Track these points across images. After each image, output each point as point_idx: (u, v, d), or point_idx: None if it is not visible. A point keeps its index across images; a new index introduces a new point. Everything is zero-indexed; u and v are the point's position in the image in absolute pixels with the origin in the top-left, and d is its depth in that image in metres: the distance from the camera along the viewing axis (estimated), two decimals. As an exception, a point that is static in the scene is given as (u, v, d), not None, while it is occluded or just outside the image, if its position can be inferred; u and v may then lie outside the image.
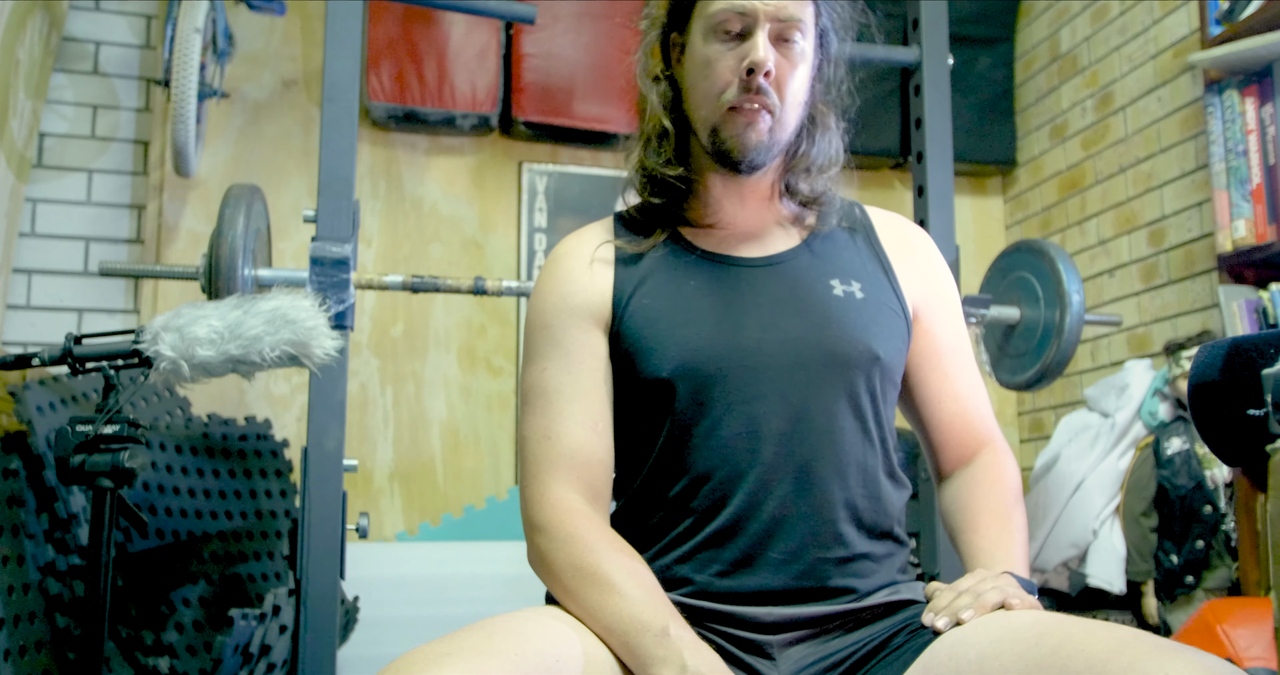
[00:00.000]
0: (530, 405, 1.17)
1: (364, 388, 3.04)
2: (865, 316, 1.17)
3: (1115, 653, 0.83)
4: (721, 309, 1.16)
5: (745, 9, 1.14)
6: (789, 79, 1.16)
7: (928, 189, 2.45)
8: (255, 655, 2.00)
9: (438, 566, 2.76)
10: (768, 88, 1.14)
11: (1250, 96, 2.56)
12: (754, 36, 1.14)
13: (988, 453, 1.25)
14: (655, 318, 1.16)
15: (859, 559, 1.12)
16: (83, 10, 2.99)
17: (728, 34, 1.15)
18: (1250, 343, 1.14)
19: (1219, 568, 2.46)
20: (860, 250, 1.25)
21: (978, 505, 1.20)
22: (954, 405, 1.25)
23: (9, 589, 1.89)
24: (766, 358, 1.13)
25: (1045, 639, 0.88)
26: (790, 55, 1.16)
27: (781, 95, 1.15)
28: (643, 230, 1.24)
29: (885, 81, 3.39)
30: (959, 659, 0.94)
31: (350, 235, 2.07)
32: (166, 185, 2.96)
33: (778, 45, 1.15)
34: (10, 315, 2.80)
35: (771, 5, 1.14)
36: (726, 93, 1.15)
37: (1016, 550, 1.14)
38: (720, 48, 1.16)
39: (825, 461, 1.12)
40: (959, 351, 1.27)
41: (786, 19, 1.15)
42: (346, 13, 2.16)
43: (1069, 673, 0.84)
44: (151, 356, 1.51)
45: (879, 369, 1.16)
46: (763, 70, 1.13)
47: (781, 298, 1.17)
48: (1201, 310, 2.78)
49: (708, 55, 1.17)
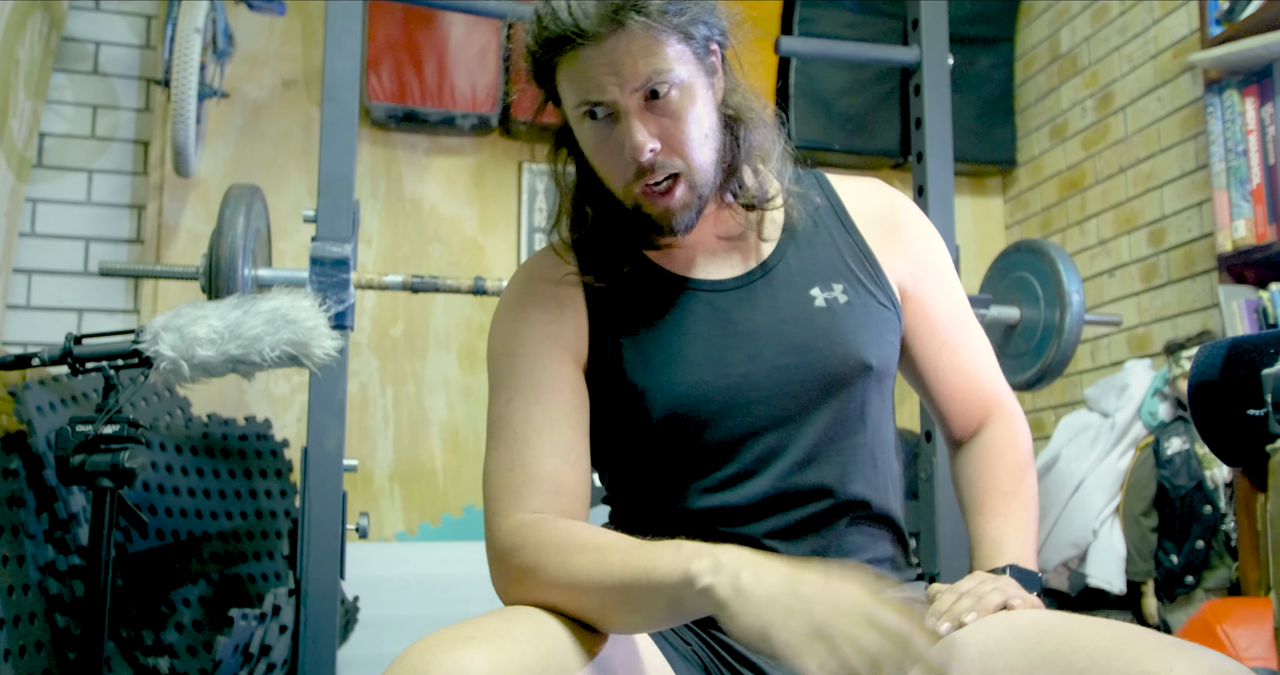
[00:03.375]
0: (494, 438, 1.08)
1: (364, 388, 3.04)
2: (852, 323, 1.13)
3: (1119, 649, 0.82)
4: (704, 345, 1.10)
5: (600, 97, 1.03)
6: (681, 135, 1.05)
7: (928, 189, 2.45)
8: (255, 655, 2.00)
9: (438, 566, 2.76)
10: (663, 161, 1.05)
11: (1250, 96, 2.55)
12: (623, 119, 1.04)
13: (997, 420, 1.22)
14: (638, 358, 1.11)
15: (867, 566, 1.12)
16: (83, 10, 2.99)
17: (595, 118, 1.06)
18: (1250, 343, 1.14)
19: (1219, 568, 2.46)
20: (834, 241, 1.18)
21: (985, 483, 1.18)
22: (956, 376, 1.22)
23: (9, 589, 1.89)
24: (755, 392, 1.08)
25: (1048, 637, 0.88)
26: (670, 110, 1.05)
27: (682, 154, 1.06)
28: (603, 255, 1.15)
29: (885, 81, 3.39)
30: (962, 659, 0.94)
31: (350, 235, 2.07)
32: (166, 185, 2.96)
33: (652, 108, 1.04)
34: (10, 315, 2.80)
35: (624, 78, 1.02)
36: (626, 178, 1.07)
37: (1023, 534, 1.13)
38: (598, 135, 1.07)
39: (834, 489, 1.10)
40: (955, 319, 1.22)
41: (645, 82, 1.03)
42: (346, 13, 2.16)
43: (1073, 670, 0.83)
44: (151, 356, 1.51)
45: (872, 377, 1.12)
46: (644, 154, 1.03)
47: (762, 322, 1.12)
48: (1201, 310, 2.78)
49: (591, 144, 1.08)
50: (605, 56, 1.03)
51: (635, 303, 1.13)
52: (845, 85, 3.36)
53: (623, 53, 1.02)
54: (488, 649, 0.84)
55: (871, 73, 3.37)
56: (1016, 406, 1.24)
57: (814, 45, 2.92)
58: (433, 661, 0.82)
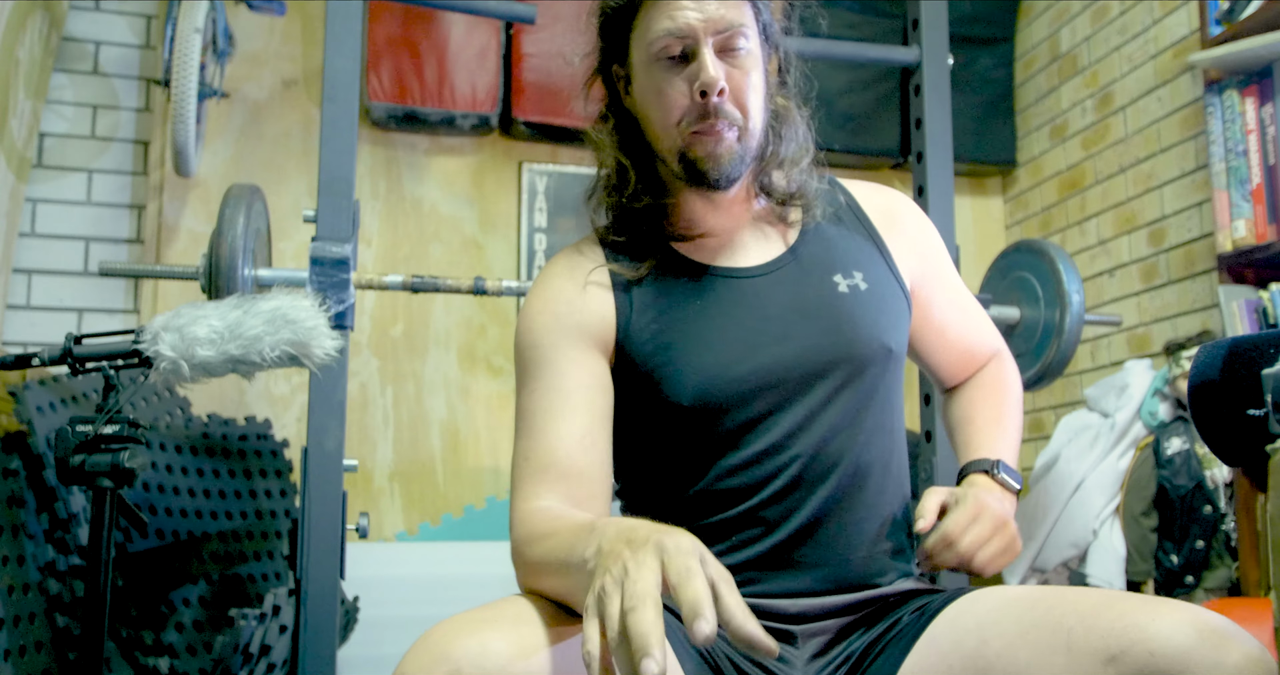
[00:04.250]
0: (518, 429, 1.13)
1: (364, 388, 3.04)
2: (873, 308, 1.18)
3: (1105, 607, 0.88)
4: (732, 328, 1.14)
5: (683, 30, 1.10)
6: (745, 88, 1.13)
7: (928, 189, 2.45)
8: (255, 655, 2.00)
9: (438, 566, 2.76)
10: (726, 106, 1.11)
11: (1250, 96, 2.55)
12: (699, 55, 1.10)
13: (991, 364, 1.34)
14: (666, 343, 1.14)
15: (883, 556, 1.15)
16: (83, 10, 2.99)
17: (671, 59, 1.12)
18: (1250, 343, 1.14)
19: (1219, 568, 2.46)
20: (853, 235, 1.24)
21: (975, 407, 1.29)
22: (953, 352, 1.33)
23: (9, 589, 1.89)
24: (784, 373, 1.12)
25: (1040, 603, 0.94)
26: (740, 63, 1.13)
27: (742, 106, 1.13)
28: (630, 250, 1.20)
29: (885, 81, 3.39)
30: (959, 628, 0.99)
31: (350, 235, 2.07)
32: (166, 185, 2.96)
33: (725, 56, 1.12)
34: (10, 315, 2.80)
35: (709, 17, 1.10)
36: (685, 120, 1.12)
37: (1008, 442, 1.24)
38: (667, 74, 1.12)
39: (854, 466, 1.13)
40: (953, 304, 1.31)
41: (727, 28, 1.11)
42: (346, 13, 2.16)
43: (1062, 628, 0.89)
44: (151, 356, 1.51)
45: (892, 360, 1.18)
46: (715, 90, 1.10)
47: (788, 305, 1.16)
48: (1201, 310, 2.78)
49: (657, 84, 1.13)
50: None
51: (663, 291, 1.17)
52: (845, 85, 3.36)
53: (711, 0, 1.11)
54: (509, 631, 0.86)
55: (871, 73, 3.36)
56: (1008, 354, 1.37)
57: (814, 45, 2.92)
58: (457, 643, 0.83)
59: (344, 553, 1.99)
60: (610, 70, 1.22)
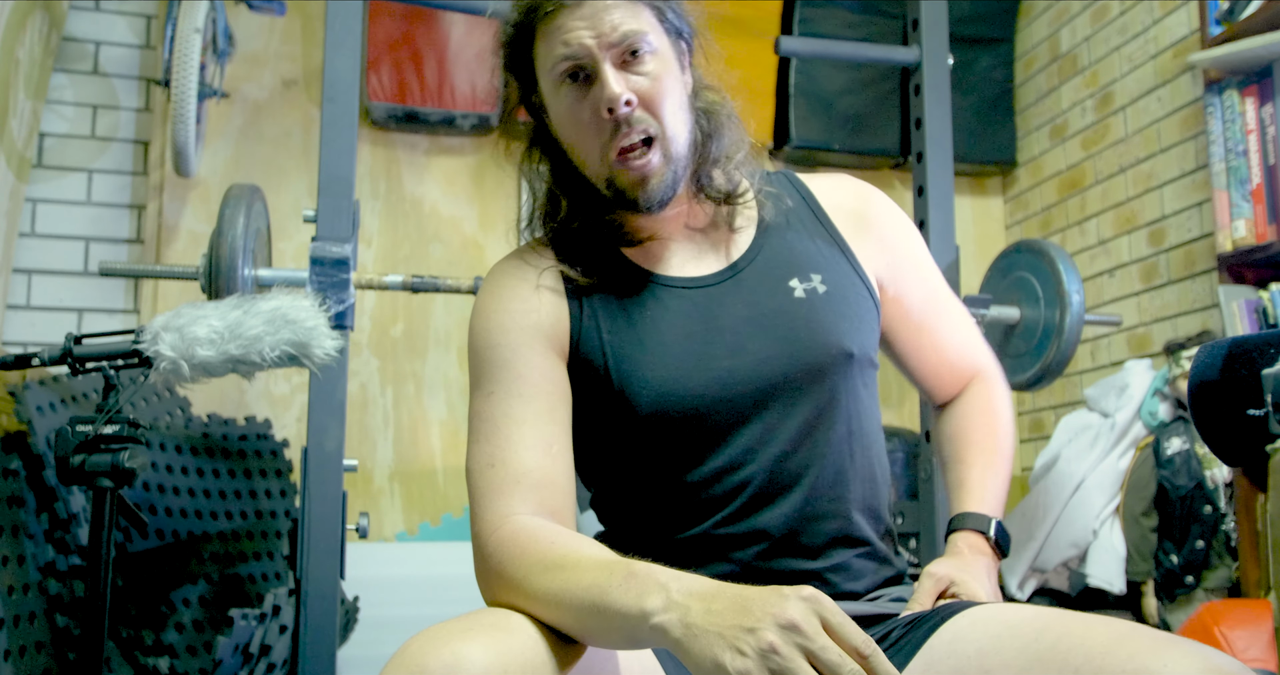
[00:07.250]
0: (476, 433, 1.07)
1: (364, 388, 3.04)
2: (832, 312, 1.14)
3: (1115, 645, 0.83)
4: (685, 340, 1.11)
5: (578, 52, 1.07)
6: (655, 94, 1.08)
7: (928, 189, 2.45)
8: (255, 655, 2.00)
9: (438, 566, 2.76)
10: (639, 116, 1.07)
11: (1250, 96, 2.55)
12: (599, 74, 1.07)
13: (976, 383, 1.29)
14: (620, 354, 1.10)
15: (855, 562, 1.12)
16: (83, 10, 3.00)
17: (574, 80, 1.09)
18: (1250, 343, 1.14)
19: (1219, 568, 2.46)
20: (810, 233, 1.20)
21: (964, 438, 1.25)
22: (936, 355, 1.27)
23: (9, 589, 1.89)
24: (741, 386, 1.09)
25: (1045, 634, 0.88)
26: (645, 70, 1.08)
27: (656, 115, 1.08)
28: (579, 253, 1.16)
29: (885, 81, 3.39)
30: (959, 655, 0.94)
31: (350, 235, 2.07)
32: (166, 185, 2.96)
33: (628, 67, 1.08)
34: (10, 315, 2.80)
35: (601, 33, 1.06)
36: (601, 140, 1.08)
37: (999, 485, 1.20)
38: (575, 99, 1.09)
39: (817, 476, 1.10)
40: (932, 303, 1.26)
41: (623, 39, 1.07)
42: (346, 13, 2.16)
43: (1069, 667, 0.84)
44: (151, 356, 1.51)
45: (854, 365, 1.14)
46: (620, 105, 1.06)
47: (743, 316, 1.12)
48: (1201, 310, 2.78)
49: (568, 110, 1.10)
50: (583, 14, 1.07)
51: (615, 300, 1.14)
52: (845, 85, 3.36)
53: (601, 10, 1.07)
54: (487, 641, 0.85)
55: (871, 73, 3.37)
56: (996, 369, 1.31)
57: (814, 45, 2.92)
58: (432, 654, 0.82)
59: (344, 553, 1.99)
60: (530, 101, 1.18)
